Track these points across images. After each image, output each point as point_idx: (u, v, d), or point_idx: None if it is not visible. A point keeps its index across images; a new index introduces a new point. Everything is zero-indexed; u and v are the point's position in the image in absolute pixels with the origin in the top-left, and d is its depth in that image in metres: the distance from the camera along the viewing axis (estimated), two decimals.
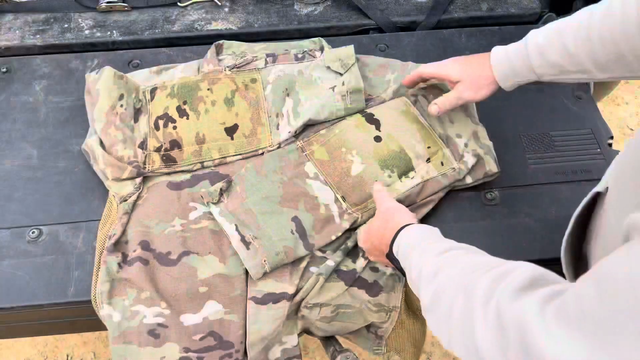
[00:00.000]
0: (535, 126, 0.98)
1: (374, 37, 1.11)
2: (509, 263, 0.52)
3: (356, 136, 0.88)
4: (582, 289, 0.40)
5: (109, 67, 0.93)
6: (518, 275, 0.48)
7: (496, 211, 0.88)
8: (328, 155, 0.88)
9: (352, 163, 0.86)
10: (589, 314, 0.37)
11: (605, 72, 0.69)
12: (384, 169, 0.85)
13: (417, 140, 0.88)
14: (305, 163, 0.88)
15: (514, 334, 0.43)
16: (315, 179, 0.86)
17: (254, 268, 0.79)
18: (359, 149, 0.87)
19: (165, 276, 0.79)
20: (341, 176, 0.86)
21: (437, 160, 0.87)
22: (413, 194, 0.85)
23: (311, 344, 1.50)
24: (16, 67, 1.05)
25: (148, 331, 0.76)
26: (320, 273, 0.79)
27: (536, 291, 0.45)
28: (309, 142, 0.90)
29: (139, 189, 0.87)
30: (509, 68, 0.77)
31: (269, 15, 1.15)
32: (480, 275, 0.51)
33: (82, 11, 1.16)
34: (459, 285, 0.52)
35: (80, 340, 1.49)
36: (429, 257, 0.61)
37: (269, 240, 0.80)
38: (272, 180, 0.86)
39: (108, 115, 0.90)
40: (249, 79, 0.96)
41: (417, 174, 0.86)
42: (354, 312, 0.82)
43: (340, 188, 0.85)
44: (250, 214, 0.82)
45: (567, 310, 0.40)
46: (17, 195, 0.89)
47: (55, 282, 0.80)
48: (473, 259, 0.57)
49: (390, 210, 0.76)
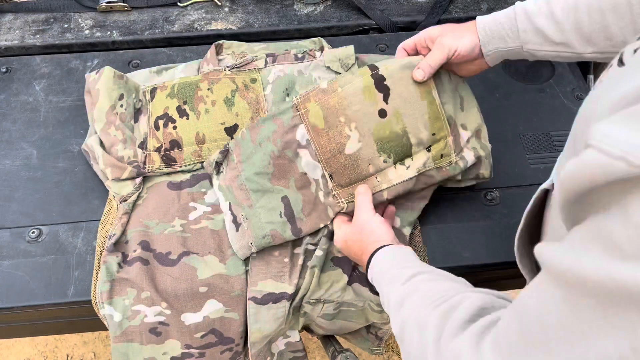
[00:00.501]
0: (535, 126, 0.98)
1: (374, 37, 1.11)
2: (460, 294, 0.52)
3: (359, 105, 0.77)
4: (509, 320, 0.41)
5: (108, 67, 0.93)
6: (463, 309, 0.48)
7: (496, 211, 0.88)
8: (324, 122, 0.78)
9: (348, 139, 0.77)
10: (514, 345, 0.39)
11: (588, 45, 0.68)
12: (380, 152, 0.78)
13: (424, 123, 0.78)
14: (298, 127, 0.79)
15: None
16: (306, 148, 0.79)
17: (241, 250, 0.80)
18: (359, 123, 0.77)
19: (165, 276, 0.79)
20: (333, 152, 0.78)
21: (438, 151, 0.80)
22: (402, 188, 0.80)
23: (311, 344, 1.50)
24: (16, 67, 1.05)
25: (149, 329, 0.77)
26: (314, 266, 0.79)
27: (475, 324, 0.46)
28: (306, 98, 0.79)
29: (139, 189, 0.87)
30: (494, 30, 0.74)
31: (269, 15, 1.15)
32: (432, 311, 0.51)
33: (82, 11, 1.16)
34: (416, 321, 0.52)
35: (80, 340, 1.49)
36: (396, 286, 0.60)
37: (258, 221, 0.80)
38: (264, 152, 0.81)
39: (108, 115, 0.90)
40: (249, 79, 0.96)
41: (413, 163, 0.79)
42: (356, 311, 0.82)
43: (330, 165, 0.79)
44: (244, 191, 0.82)
45: (499, 343, 0.41)
46: (17, 195, 0.89)
47: (55, 282, 0.80)
48: (432, 289, 0.56)
49: (367, 225, 0.73)
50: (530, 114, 0.99)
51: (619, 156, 0.29)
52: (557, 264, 0.34)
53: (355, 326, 0.86)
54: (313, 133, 0.78)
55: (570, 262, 0.33)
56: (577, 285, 0.32)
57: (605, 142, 0.30)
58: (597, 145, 0.30)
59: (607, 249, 0.30)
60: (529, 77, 1.05)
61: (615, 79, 0.39)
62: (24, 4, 1.16)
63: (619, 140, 0.29)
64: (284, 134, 0.80)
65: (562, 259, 0.34)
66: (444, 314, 0.49)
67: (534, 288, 0.38)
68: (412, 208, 0.84)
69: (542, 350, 0.36)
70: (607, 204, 0.31)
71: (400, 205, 0.84)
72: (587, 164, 0.31)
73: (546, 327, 0.35)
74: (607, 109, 0.35)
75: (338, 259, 0.81)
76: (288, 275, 0.80)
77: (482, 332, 0.44)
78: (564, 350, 0.34)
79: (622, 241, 0.30)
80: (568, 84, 1.03)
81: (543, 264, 0.37)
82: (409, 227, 0.84)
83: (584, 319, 0.32)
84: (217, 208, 0.86)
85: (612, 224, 0.31)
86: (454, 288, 0.55)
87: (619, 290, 0.29)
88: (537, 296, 0.37)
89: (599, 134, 0.30)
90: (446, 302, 0.51)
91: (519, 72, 1.06)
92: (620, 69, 0.39)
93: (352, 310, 0.82)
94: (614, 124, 0.31)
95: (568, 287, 0.33)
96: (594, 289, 0.31)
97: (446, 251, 0.84)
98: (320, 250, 0.80)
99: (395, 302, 0.59)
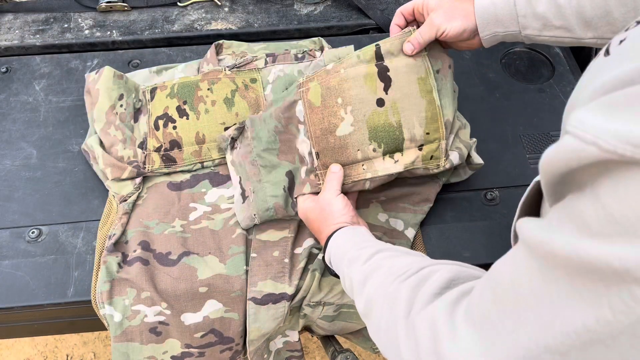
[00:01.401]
0: (535, 126, 0.97)
1: (374, 37, 1.11)
2: (429, 267, 0.53)
3: (358, 90, 0.77)
4: (483, 289, 0.42)
5: (108, 67, 0.93)
6: (433, 281, 0.49)
7: (496, 211, 0.88)
8: (321, 100, 0.78)
9: (341, 121, 0.77)
10: (487, 315, 0.40)
11: (589, 30, 0.67)
12: (371, 141, 0.77)
13: (420, 121, 0.78)
14: (297, 102, 0.80)
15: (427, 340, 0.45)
16: (303, 124, 0.80)
17: (244, 220, 0.82)
18: (355, 107, 0.77)
19: (165, 276, 0.79)
20: (324, 131, 0.77)
21: (428, 152, 0.79)
22: (385, 180, 0.80)
23: (311, 344, 1.49)
24: (16, 67, 1.05)
25: (149, 329, 0.77)
26: (315, 269, 0.79)
27: (448, 293, 0.47)
28: (311, 78, 0.80)
29: (139, 189, 0.87)
30: (492, 13, 0.72)
31: (269, 15, 1.15)
32: (401, 283, 0.52)
33: (82, 11, 1.15)
34: (384, 295, 0.53)
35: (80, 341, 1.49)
36: (357, 266, 0.61)
37: (264, 195, 0.81)
38: (268, 129, 0.82)
39: (108, 115, 0.90)
40: (249, 79, 0.96)
41: (402, 158, 0.78)
42: (356, 312, 0.82)
43: (319, 143, 0.78)
44: (256, 167, 0.84)
45: (472, 311, 0.42)
46: (16, 195, 0.89)
47: (55, 282, 0.80)
48: (395, 264, 0.57)
49: (328, 206, 0.75)
50: (530, 114, 0.99)
51: (591, 141, 0.30)
52: (532, 237, 0.36)
53: (356, 327, 0.86)
54: (308, 109, 0.79)
55: (544, 236, 0.35)
56: (547, 258, 0.34)
57: (579, 128, 0.31)
58: (572, 131, 0.32)
59: (578, 226, 0.32)
60: (529, 77, 1.05)
61: (600, 68, 0.40)
62: (23, 3, 1.16)
63: (593, 126, 0.30)
64: (285, 110, 0.81)
65: (537, 234, 0.36)
66: (414, 287, 0.50)
67: (509, 259, 0.40)
68: (415, 211, 0.85)
69: (512, 318, 0.37)
70: (582, 185, 0.33)
71: (403, 209, 0.84)
72: (563, 149, 0.33)
73: (518, 295, 0.37)
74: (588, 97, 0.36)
75: None
76: (288, 276, 0.80)
77: (455, 301, 0.45)
78: (532, 317, 0.35)
79: (591, 220, 0.31)
80: (568, 83, 1.03)
81: (521, 237, 0.38)
82: (413, 230, 0.84)
83: (553, 289, 0.34)
84: (217, 208, 0.86)
85: (584, 204, 0.32)
86: (417, 261, 0.56)
87: (584, 265, 0.31)
88: (511, 267, 0.39)
89: (576, 121, 0.32)
90: (414, 275, 0.52)
91: (518, 72, 1.06)
92: (606, 58, 0.40)
93: (352, 311, 0.82)
94: (590, 110, 0.32)
95: (541, 259, 0.35)
96: (563, 262, 0.33)
97: (446, 251, 0.84)
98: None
99: (358, 280, 0.59)
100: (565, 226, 0.33)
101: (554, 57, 1.07)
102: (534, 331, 0.35)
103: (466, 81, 1.02)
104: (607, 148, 0.29)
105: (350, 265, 0.63)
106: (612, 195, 0.30)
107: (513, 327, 0.37)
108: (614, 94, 0.32)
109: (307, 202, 0.79)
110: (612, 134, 0.29)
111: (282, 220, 0.84)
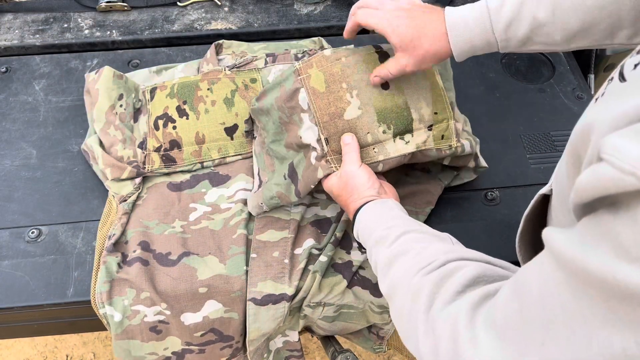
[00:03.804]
0: (535, 126, 0.97)
1: (373, 37, 1.11)
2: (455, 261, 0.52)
3: (362, 74, 0.76)
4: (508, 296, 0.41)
5: (108, 67, 0.93)
6: (459, 277, 0.49)
7: (496, 211, 0.87)
8: (325, 85, 0.76)
9: (348, 105, 0.75)
10: (512, 324, 0.39)
11: (572, 43, 0.66)
12: (380, 123, 0.76)
13: (427, 101, 0.78)
14: (299, 90, 0.77)
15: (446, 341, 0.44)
16: (307, 112, 0.77)
17: (254, 209, 0.84)
18: (361, 91, 0.76)
19: (165, 277, 0.79)
20: (332, 116, 0.76)
21: (439, 131, 0.78)
22: (397, 162, 0.78)
23: (311, 344, 1.49)
24: (16, 66, 1.05)
25: (150, 328, 0.77)
26: (316, 270, 0.79)
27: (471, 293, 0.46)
28: (309, 64, 0.78)
29: (139, 189, 0.87)
30: (469, 44, 0.68)
31: (269, 14, 1.15)
32: (424, 277, 0.51)
33: (82, 11, 1.15)
34: (408, 285, 0.53)
35: (80, 341, 1.49)
36: (383, 248, 0.60)
37: (270, 184, 0.81)
38: (273, 121, 0.82)
39: (107, 115, 0.90)
40: (249, 79, 0.96)
41: (413, 139, 0.77)
42: (356, 313, 0.82)
43: (327, 129, 0.76)
44: (270, 157, 0.85)
45: (495, 318, 0.41)
46: (16, 195, 0.88)
47: (55, 282, 0.80)
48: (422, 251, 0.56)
49: (351, 179, 0.72)
50: (531, 114, 0.99)
51: (630, 172, 0.30)
52: (563, 251, 0.35)
53: (356, 327, 0.86)
54: (312, 95, 0.77)
55: (576, 253, 0.34)
56: (580, 275, 0.34)
57: (616, 157, 0.31)
58: (609, 160, 0.32)
59: (614, 248, 0.32)
60: (529, 77, 1.05)
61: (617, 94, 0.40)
62: (23, 3, 1.16)
63: (630, 155, 0.31)
64: (287, 99, 0.78)
65: (569, 249, 0.35)
66: (437, 282, 0.50)
67: (536, 268, 0.39)
68: (418, 213, 0.85)
69: (541, 331, 0.36)
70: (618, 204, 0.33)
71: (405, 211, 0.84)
72: (601, 177, 0.33)
73: (547, 308, 0.36)
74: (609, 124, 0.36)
75: (339, 265, 0.81)
76: (288, 276, 0.79)
77: (478, 304, 0.45)
78: (564, 333, 0.35)
79: (629, 244, 0.31)
80: (568, 83, 1.03)
81: (550, 248, 0.37)
82: None
83: (585, 307, 0.33)
84: (217, 208, 0.86)
85: (621, 227, 0.32)
86: (444, 252, 0.55)
87: (622, 289, 0.31)
88: (539, 277, 0.38)
89: (611, 148, 0.32)
90: (438, 270, 0.51)
91: (519, 72, 1.06)
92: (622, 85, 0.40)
93: (352, 312, 0.82)
94: (623, 137, 0.32)
95: (572, 275, 0.34)
96: (597, 283, 0.32)
97: None
98: (325, 256, 0.80)
99: (383, 263, 0.59)
100: (601, 246, 0.33)
101: (554, 57, 1.07)
102: (568, 348, 0.35)
103: (466, 81, 1.02)
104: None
105: (377, 246, 0.62)
106: None
107: (542, 339, 0.36)
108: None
109: (331, 178, 0.75)
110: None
111: (282, 220, 0.84)
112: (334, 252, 0.81)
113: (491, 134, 0.92)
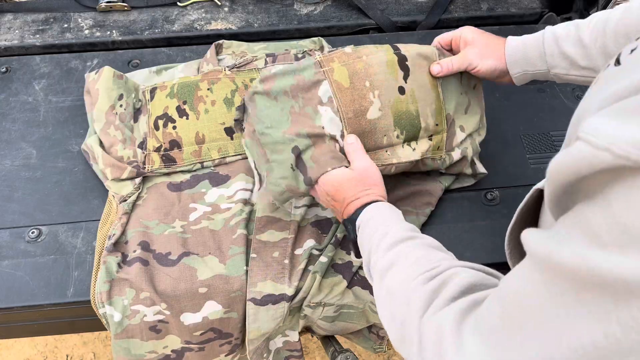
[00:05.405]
0: (535, 126, 0.97)
1: (374, 37, 1.11)
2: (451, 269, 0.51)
3: (383, 76, 0.76)
4: (491, 303, 0.41)
5: (108, 67, 0.93)
6: (453, 285, 0.48)
7: (496, 211, 0.88)
8: (349, 80, 0.75)
9: (370, 104, 0.75)
10: (495, 328, 0.39)
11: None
12: (396, 127, 0.77)
13: (432, 111, 0.80)
14: (321, 83, 0.75)
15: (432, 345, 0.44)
16: (328, 105, 0.74)
17: (266, 208, 0.84)
18: (382, 92, 0.76)
19: (164, 277, 0.79)
20: (356, 113, 0.75)
21: (437, 142, 0.81)
22: (405, 167, 0.80)
23: (311, 344, 1.49)
24: (16, 66, 1.05)
25: (149, 327, 0.78)
26: (316, 271, 0.79)
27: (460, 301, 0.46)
28: (330, 59, 0.77)
29: (139, 189, 0.87)
30: (522, 53, 0.76)
31: (269, 15, 1.15)
32: (421, 285, 0.51)
33: (82, 11, 1.15)
34: (405, 292, 0.53)
35: (80, 341, 1.49)
36: (381, 251, 0.60)
37: (274, 179, 0.75)
38: (282, 108, 0.75)
39: (107, 115, 0.90)
40: (249, 79, 0.96)
41: (418, 147, 0.79)
42: (356, 313, 0.82)
43: (352, 125, 0.75)
44: (261, 146, 0.78)
45: (481, 325, 0.41)
46: (16, 195, 0.88)
47: (55, 282, 0.80)
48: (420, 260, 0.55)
49: (368, 173, 0.71)
50: (531, 114, 0.99)
51: (604, 147, 0.29)
52: (538, 249, 0.35)
53: (356, 327, 0.86)
54: (337, 90, 0.75)
55: (551, 248, 0.33)
56: (555, 270, 0.33)
57: (591, 134, 0.30)
58: (584, 137, 0.31)
59: (587, 236, 0.31)
60: None
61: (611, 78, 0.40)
62: (23, 3, 1.16)
63: (606, 132, 0.29)
64: (305, 90, 0.75)
65: (543, 245, 0.34)
66: (434, 291, 0.49)
67: (517, 273, 0.39)
68: (418, 214, 0.85)
69: (519, 333, 0.36)
70: (592, 193, 0.32)
71: (406, 212, 0.84)
72: (574, 155, 0.31)
73: (525, 310, 0.36)
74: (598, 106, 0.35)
75: (339, 266, 0.81)
76: (288, 277, 0.80)
77: (466, 310, 0.44)
78: (539, 332, 0.34)
79: (601, 230, 0.30)
80: (568, 83, 1.03)
81: (527, 249, 0.37)
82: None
83: (559, 303, 0.33)
84: (217, 208, 0.86)
85: (593, 213, 0.31)
86: (444, 258, 0.55)
87: (593, 278, 0.30)
88: (518, 281, 0.38)
89: (588, 127, 0.31)
90: (436, 278, 0.51)
91: None
92: (617, 68, 0.40)
93: (352, 312, 0.82)
94: (602, 117, 0.31)
95: (547, 272, 0.34)
96: (570, 274, 0.32)
97: None
98: (325, 257, 0.80)
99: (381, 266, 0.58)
100: (574, 236, 0.32)
101: None
102: (541, 346, 0.34)
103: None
104: (621, 154, 0.28)
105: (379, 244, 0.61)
106: (625, 203, 0.29)
107: (521, 341, 0.36)
108: (627, 100, 0.31)
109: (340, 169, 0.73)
110: (626, 139, 0.28)
111: (282, 220, 0.84)
112: (335, 253, 0.81)
113: (491, 133, 0.92)
